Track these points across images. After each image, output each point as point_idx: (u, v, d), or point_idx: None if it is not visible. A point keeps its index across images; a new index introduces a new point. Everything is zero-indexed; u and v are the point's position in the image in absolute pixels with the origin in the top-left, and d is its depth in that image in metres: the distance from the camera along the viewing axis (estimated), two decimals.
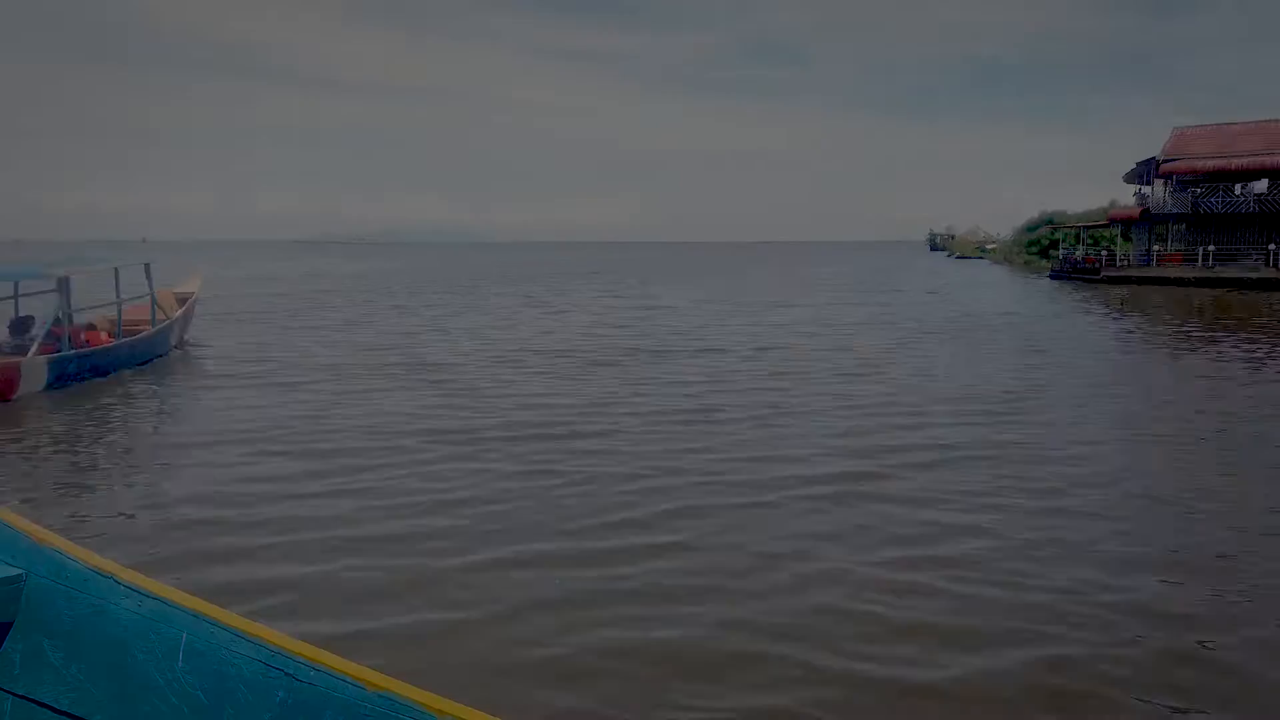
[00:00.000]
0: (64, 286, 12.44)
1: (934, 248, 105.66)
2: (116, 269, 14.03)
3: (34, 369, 11.15)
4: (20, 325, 12.44)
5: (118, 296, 13.63)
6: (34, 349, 11.37)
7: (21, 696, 2.61)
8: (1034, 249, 60.52)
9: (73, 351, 11.96)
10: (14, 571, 2.65)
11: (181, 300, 15.29)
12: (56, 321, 12.04)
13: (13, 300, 13.10)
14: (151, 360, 13.66)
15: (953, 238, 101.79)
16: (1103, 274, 43.24)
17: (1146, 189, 47.83)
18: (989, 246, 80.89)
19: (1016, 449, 8.68)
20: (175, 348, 14.77)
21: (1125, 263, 44.96)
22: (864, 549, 5.81)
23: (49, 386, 11.31)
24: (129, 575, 2.59)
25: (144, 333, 13.67)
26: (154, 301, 14.38)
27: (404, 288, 37.16)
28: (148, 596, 2.55)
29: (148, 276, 14.48)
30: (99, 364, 12.47)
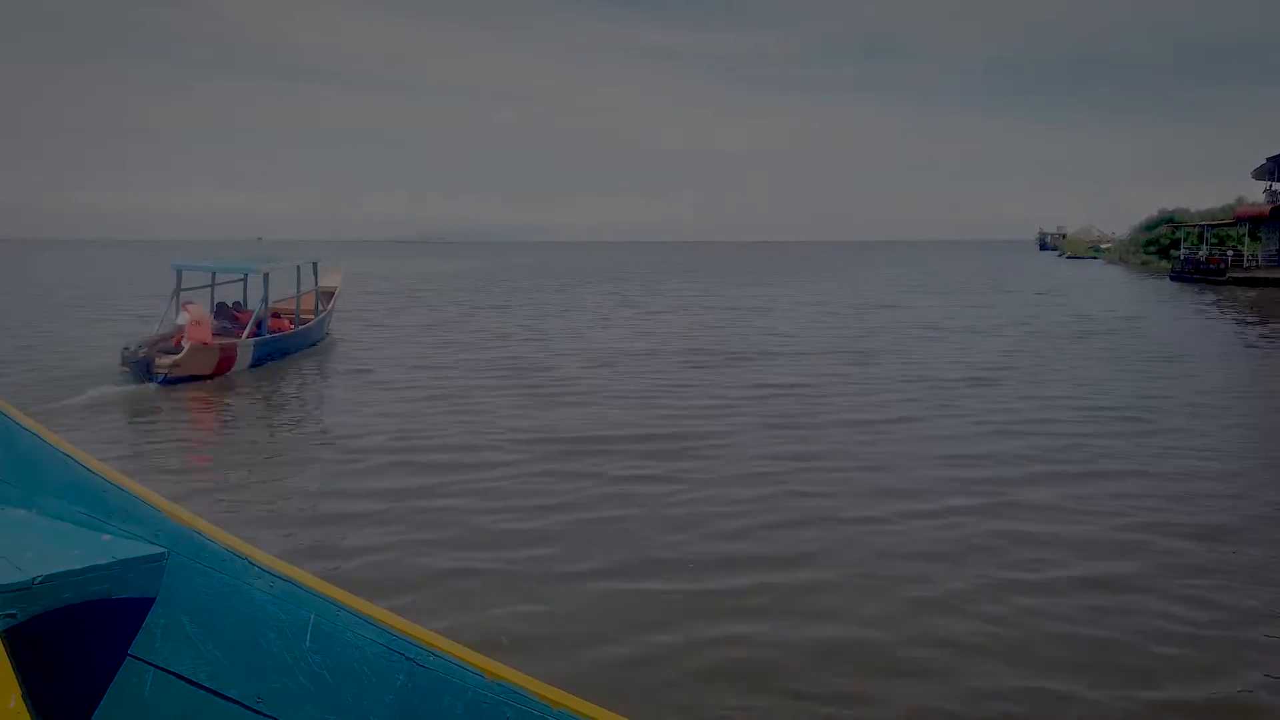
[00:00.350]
0: (267, 281, 14.59)
1: (1044, 247, 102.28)
2: (299, 266, 16.05)
3: (245, 350, 13.35)
4: (221, 310, 14.52)
5: (298, 290, 15.80)
6: (246, 333, 13.63)
7: (161, 668, 2.75)
8: (1152, 249, 57.83)
9: (269, 336, 14.21)
10: (157, 550, 2.79)
11: (326, 295, 17.02)
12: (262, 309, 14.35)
13: (212, 288, 15.65)
14: (312, 345, 15.40)
15: (1064, 237, 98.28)
16: (1229, 275, 41.01)
17: (1278, 185, 45.16)
18: (1103, 246, 77.57)
19: (1159, 462, 8.13)
20: (326, 335, 16.59)
21: (1253, 263, 42.54)
22: (988, 568, 5.51)
23: (250, 366, 13.36)
24: (261, 556, 2.70)
25: (309, 322, 15.60)
26: (318, 295, 16.50)
27: (503, 287, 38.15)
28: (279, 578, 2.65)
29: (314, 274, 16.52)
30: (284, 348, 14.65)
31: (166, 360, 12.01)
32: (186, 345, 12.32)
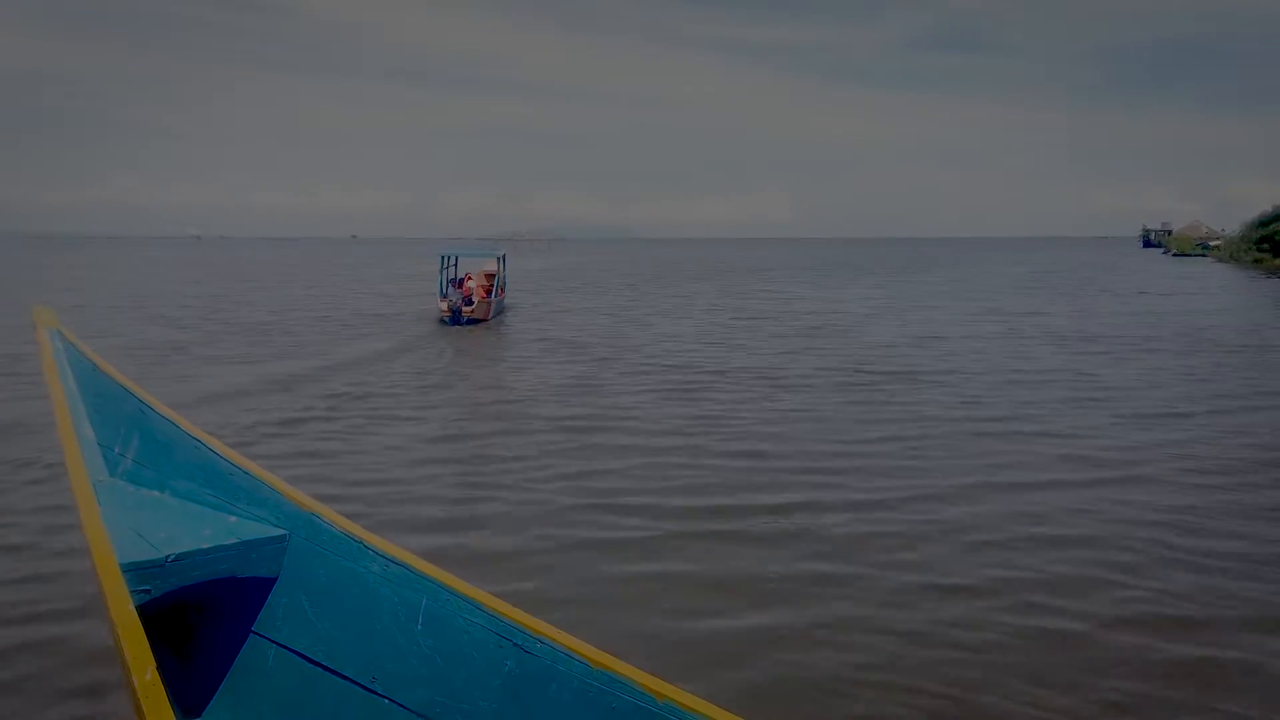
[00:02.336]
0: (503, 262, 23.83)
1: (1148, 244, 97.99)
2: (504, 255, 24.79)
3: (495, 305, 21.29)
4: (457, 282, 21.64)
5: (503, 271, 23.48)
6: (493, 296, 21.20)
7: (282, 645, 2.89)
8: (1266, 246, 54.59)
9: (498, 299, 21.74)
10: (279, 532, 2.93)
11: (489, 277, 22.83)
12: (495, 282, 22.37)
13: (451, 269, 23.08)
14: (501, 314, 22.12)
15: (1169, 233, 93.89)
16: None
17: None
18: (1212, 243, 73.73)
19: None
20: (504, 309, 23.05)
21: None
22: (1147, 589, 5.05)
23: (494, 315, 20.89)
24: (376, 541, 2.80)
25: (502, 297, 22.57)
26: (504, 277, 23.52)
27: (624, 280, 39.39)
28: (393, 562, 2.75)
29: (501, 261, 23.83)
30: (501, 307, 22.18)
31: (467, 309, 19.80)
32: (475, 301, 20.18)
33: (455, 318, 19.42)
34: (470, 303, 19.91)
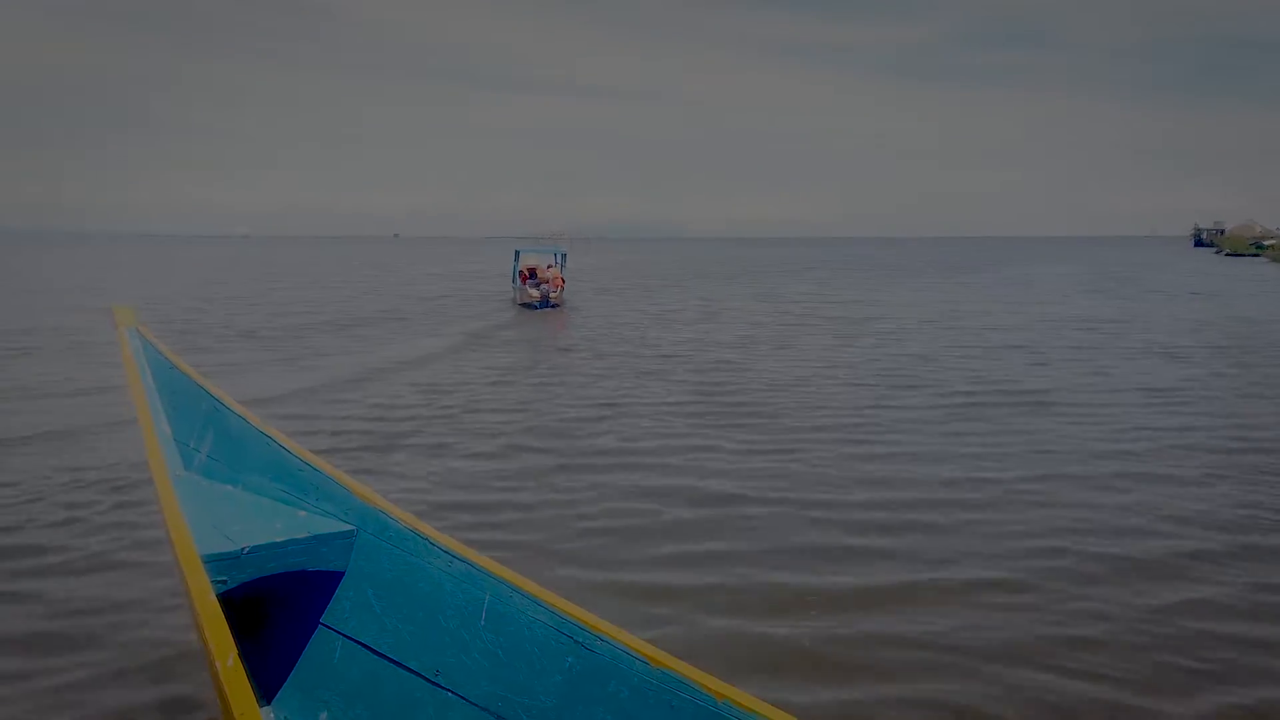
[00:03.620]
0: (564, 258, 27.55)
1: (1199, 243, 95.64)
2: (566, 252, 28.76)
3: (563, 293, 24.92)
4: (533, 273, 25.62)
5: (562, 263, 26.76)
6: (560, 286, 24.83)
7: (350, 638, 2.99)
8: None
9: (563, 289, 25.12)
10: (348, 527, 3.03)
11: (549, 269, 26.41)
12: (559, 271, 25.91)
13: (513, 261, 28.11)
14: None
15: (1221, 233, 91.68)
16: None
17: None
18: (1267, 243, 71.77)
19: None
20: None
21: None
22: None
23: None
24: (440, 537, 2.89)
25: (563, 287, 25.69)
26: (564, 269, 26.84)
27: (695, 276, 40.09)
28: (456, 558, 2.84)
29: (555, 258, 26.97)
30: (559, 300, 24.79)
31: (552, 294, 24.08)
32: (556, 288, 24.52)
33: (544, 303, 23.77)
34: (553, 290, 24.68)
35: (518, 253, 28.77)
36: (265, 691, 2.99)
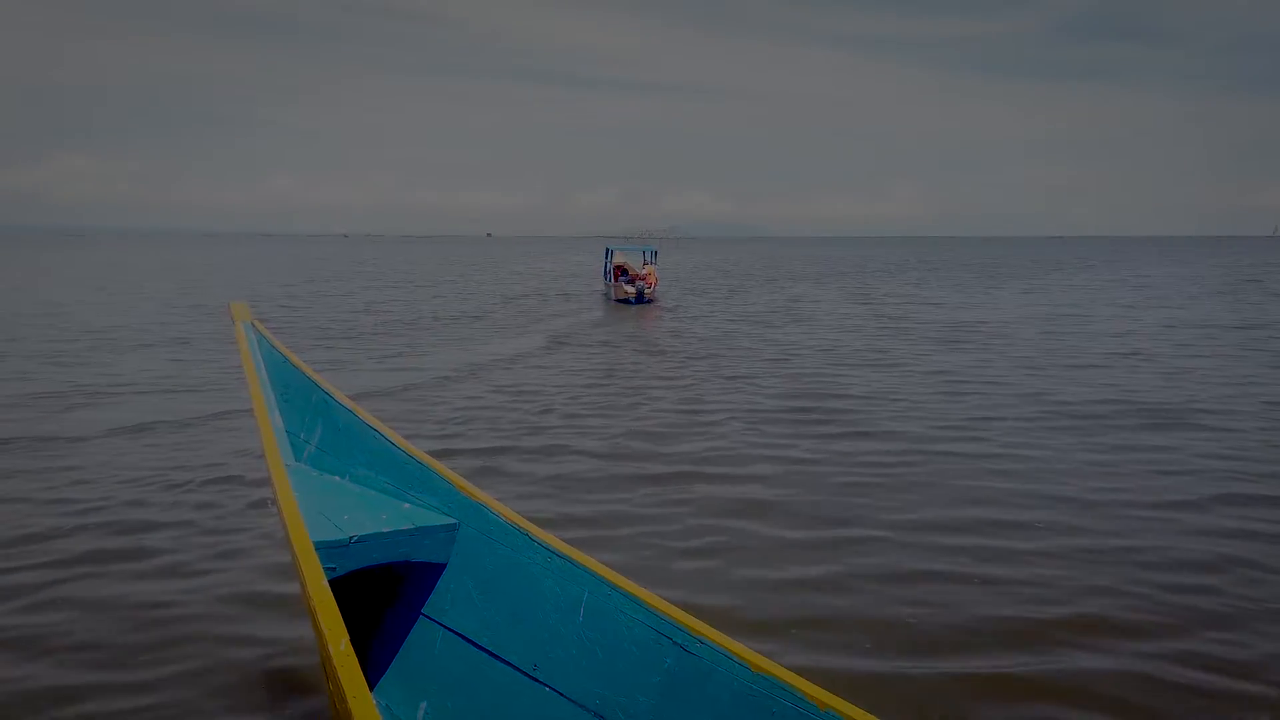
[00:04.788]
0: (655, 255, 28.86)
1: None
2: (656, 250, 29.74)
3: (652, 290, 25.91)
4: (625, 271, 27.89)
5: (653, 260, 28.25)
6: (654, 283, 26.05)
7: (450, 629, 3.04)
8: None
9: (652, 287, 26.05)
10: (450, 520, 3.08)
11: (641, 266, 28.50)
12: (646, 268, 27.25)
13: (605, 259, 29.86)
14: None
15: None
16: None
17: None
18: None
19: None
20: None
21: None
22: None
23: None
24: (540, 533, 2.91)
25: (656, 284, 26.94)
26: (656, 266, 28.13)
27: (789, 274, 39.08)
28: (555, 554, 2.85)
29: (646, 255, 28.65)
30: (652, 296, 25.98)
31: (647, 290, 25.13)
32: (651, 284, 25.67)
33: (639, 298, 24.86)
34: (649, 286, 25.91)
35: (609, 250, 30.12)
36: (368, 679, 3.07)
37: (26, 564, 5.06)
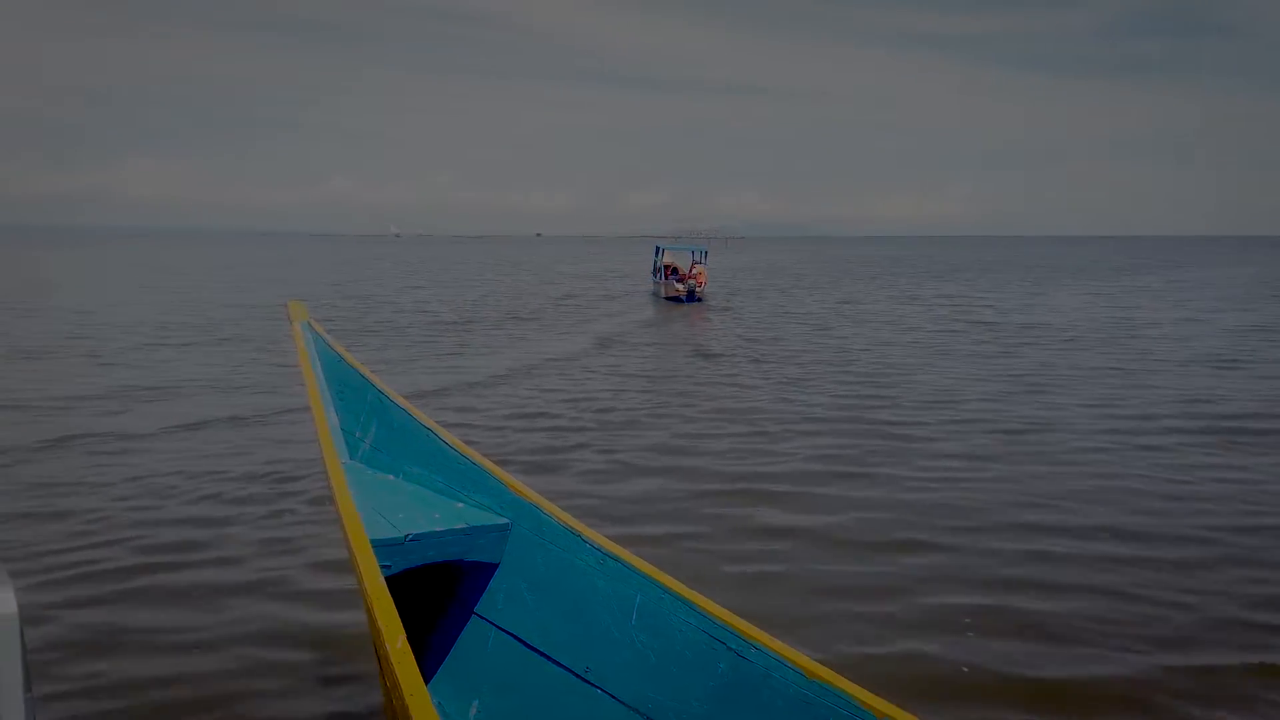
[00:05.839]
0: (705, 255, 28.81)
1: None
2: (706, 251, 29.47)
3: (702, 289, 26.43)
4: (675, 271, 27.61)
5: (703, 260, 28.13)
6: (704, 282, 26.49)
7: (502, 629, 3.03)
8: None
9: (702, 286, 26.45)
10: (503, 520, 3.08)
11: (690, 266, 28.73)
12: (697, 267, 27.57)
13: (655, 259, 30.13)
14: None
15: None
16: None
17: None
18: None
19: None
20: None
21: None
22: None
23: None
24: (592, 534, 2.89)
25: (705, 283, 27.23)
26: (705, 266, 28.25)
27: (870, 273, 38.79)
28: (608, 556, 2.83)
29: (695, 255, 28.62)
30: (703, 295, 26.32)
31: (697, 289, 25.67)
32: (702, 283, 26.17)
33: (690, 296, 25.45)
34: (699, 286, 26.34)
35: (659, 249, 30.40)
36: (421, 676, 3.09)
37: (84, 561, 5.16)
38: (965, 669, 4.03)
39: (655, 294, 27.80)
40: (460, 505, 3.18)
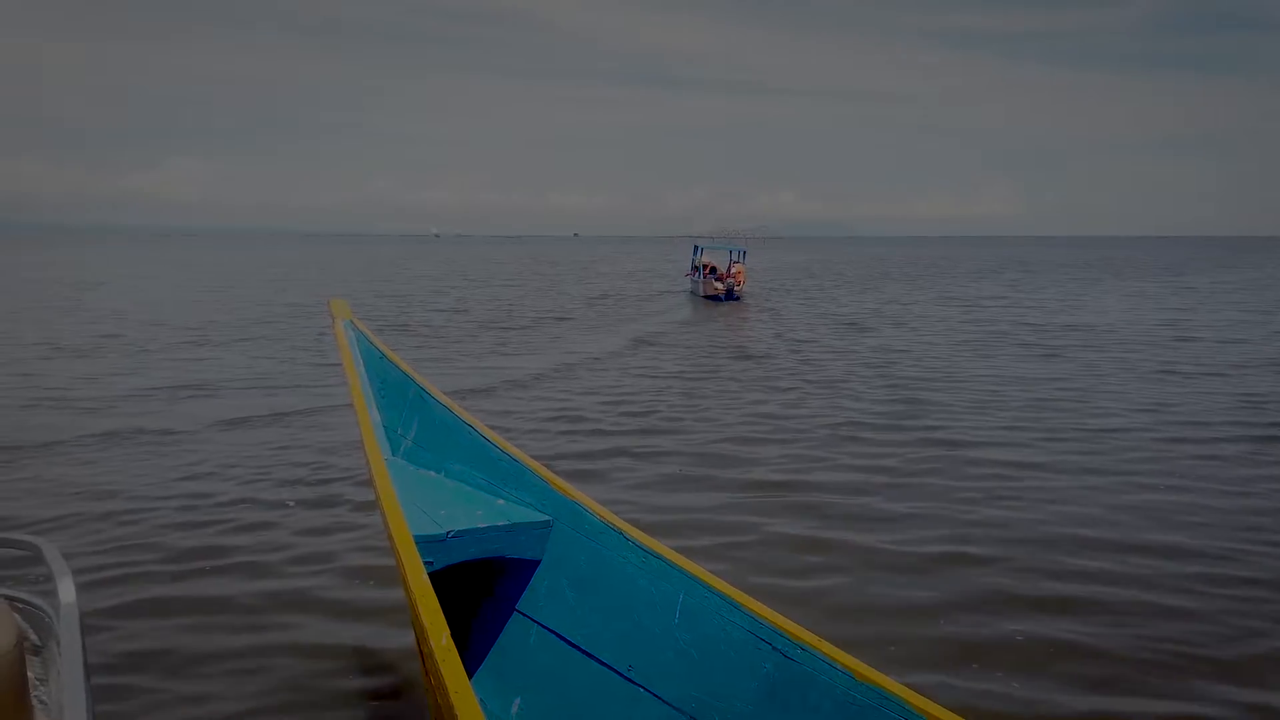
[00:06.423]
0: (745, 255, 29.10)
1: None
2: (745, 250, 29.75)
3: (741, 288, 26.45)
4: (714, 270, 27.41)
5: (742, 259, 28.38)
6: (743, 281, 26.64)
7: (544, 626, 3.02)
8: None
9: (741, 285, 26.50)
10: (544, 517, 3.06)
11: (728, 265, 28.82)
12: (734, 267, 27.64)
13: (694, 257, 30.25)
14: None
15: None
16: None
17: None
18: None
19: None
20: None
21: None
22: None
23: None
24: (634, 532, 2.86)
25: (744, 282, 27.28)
26: (745, 265, 28.46)
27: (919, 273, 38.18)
28: (650, 554, 2.80)
29: (734, 254, 28.66)
30: (741, 294, 26.30)
31: (736, 288, 25.76)
32: (740, 283, 26.22)
33: (729, 295, 25.59)
34: (737, 284, 26.34)
35: (698, 248, 30.54)
36: None
37: (127, 560, 5.20)
38: (1012, 691, 3.89)
39: (694, 292, 27.77)
40: (502, 502, 3.17)
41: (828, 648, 2.37)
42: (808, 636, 2.41)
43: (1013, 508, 6.30)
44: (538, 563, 3.08)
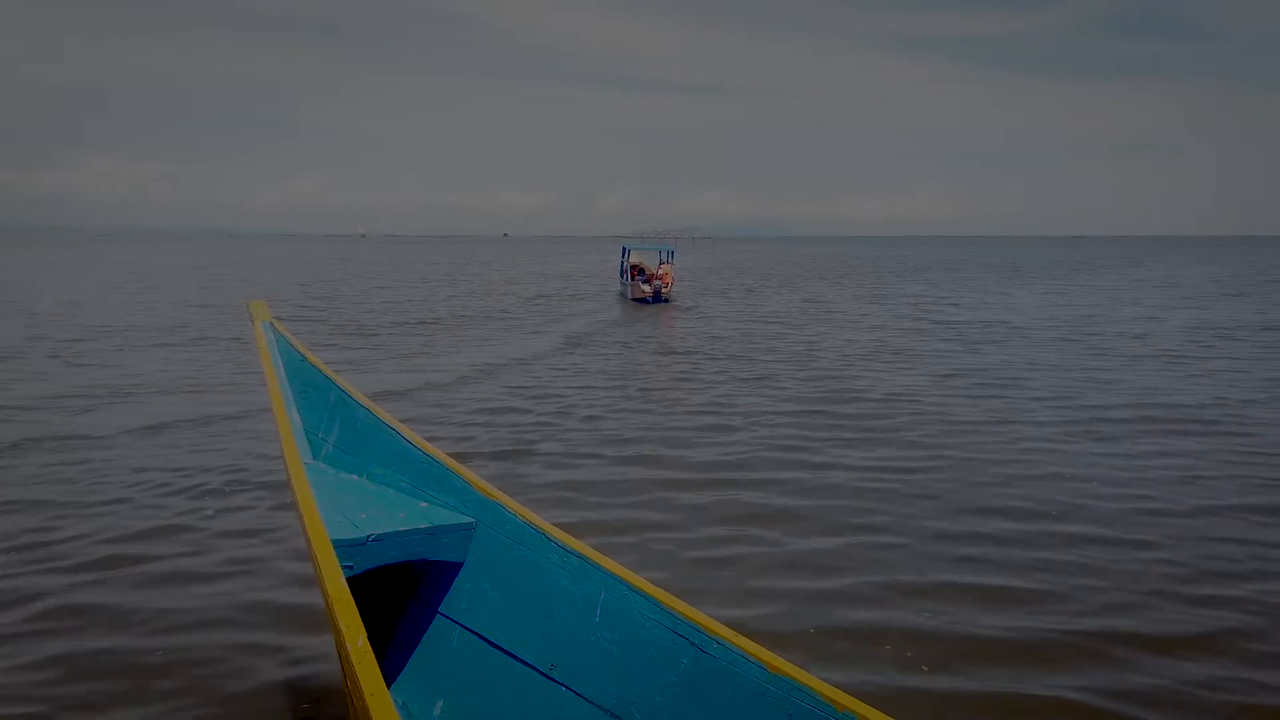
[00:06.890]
0: (673, 255, 29.13)
1: None
2: (674, 250, 29.73)
3: (669, 289, 26.19)
4: (642, 270, 27.46)
5: (670, 260, 28.42)
6: (670, 283, 26.34)
7: (467, 628, 3.04)
8: None
9: (669, 286, 26.33)
10: (467, 519, 3.08)
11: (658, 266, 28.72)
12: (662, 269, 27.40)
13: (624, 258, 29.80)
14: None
15: None
16: None
17: None
18: None
19: None
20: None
21: None
22: None
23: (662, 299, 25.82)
24: (557, 533, 2.91)
25: (672, 283, 27.12)
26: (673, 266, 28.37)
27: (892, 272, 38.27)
28: (572, 554, 2.85)
29: (662, 255, 29.00)
30: (669, 296, 26.26)
31: (664, 290, 25.60)
32: (668, 284, 26.07)
33: (656, 297, 25.42)
34: (666, 286, 26.20)
35: (626, 249, 30.19)
36: (385, 676, 3.08)
37: (39, 569, 5.06)
38: (916, 632, 4.24)
39: (623, 295, 27.69)
40: (424, 505, 3.18)
41: (743, 641, 2.45)
42: (724, 631, 2.48)
43: (924, 495, 6.54)
44: (461, 565, 3.09)
